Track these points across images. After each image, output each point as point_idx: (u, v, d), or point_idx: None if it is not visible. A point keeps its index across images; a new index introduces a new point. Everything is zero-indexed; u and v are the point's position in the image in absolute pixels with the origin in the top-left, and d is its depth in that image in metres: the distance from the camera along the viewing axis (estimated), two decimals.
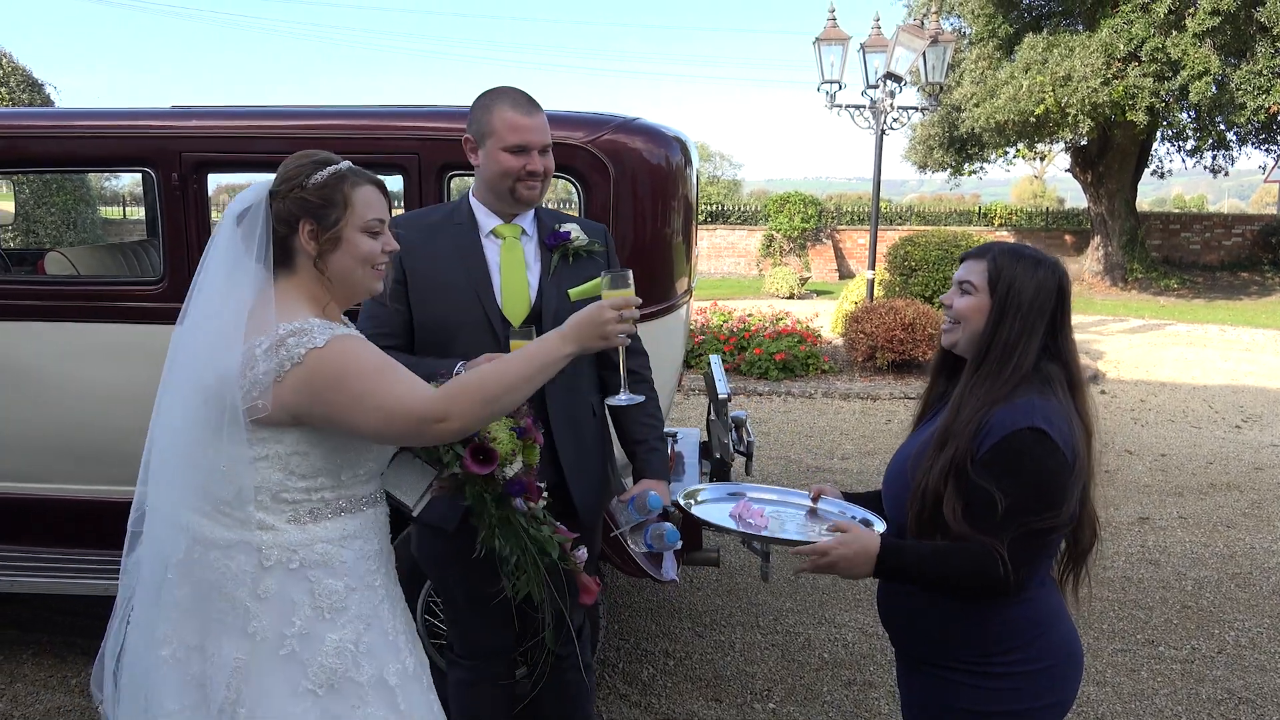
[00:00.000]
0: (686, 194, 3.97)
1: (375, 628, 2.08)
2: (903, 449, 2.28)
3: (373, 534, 2.12)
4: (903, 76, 11.62)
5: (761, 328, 10.87)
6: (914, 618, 2.17)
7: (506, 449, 2.14)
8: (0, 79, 16.00)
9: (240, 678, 1.97)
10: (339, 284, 2.06)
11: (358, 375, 1.93)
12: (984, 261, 2.13)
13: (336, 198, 2.01)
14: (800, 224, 21.87)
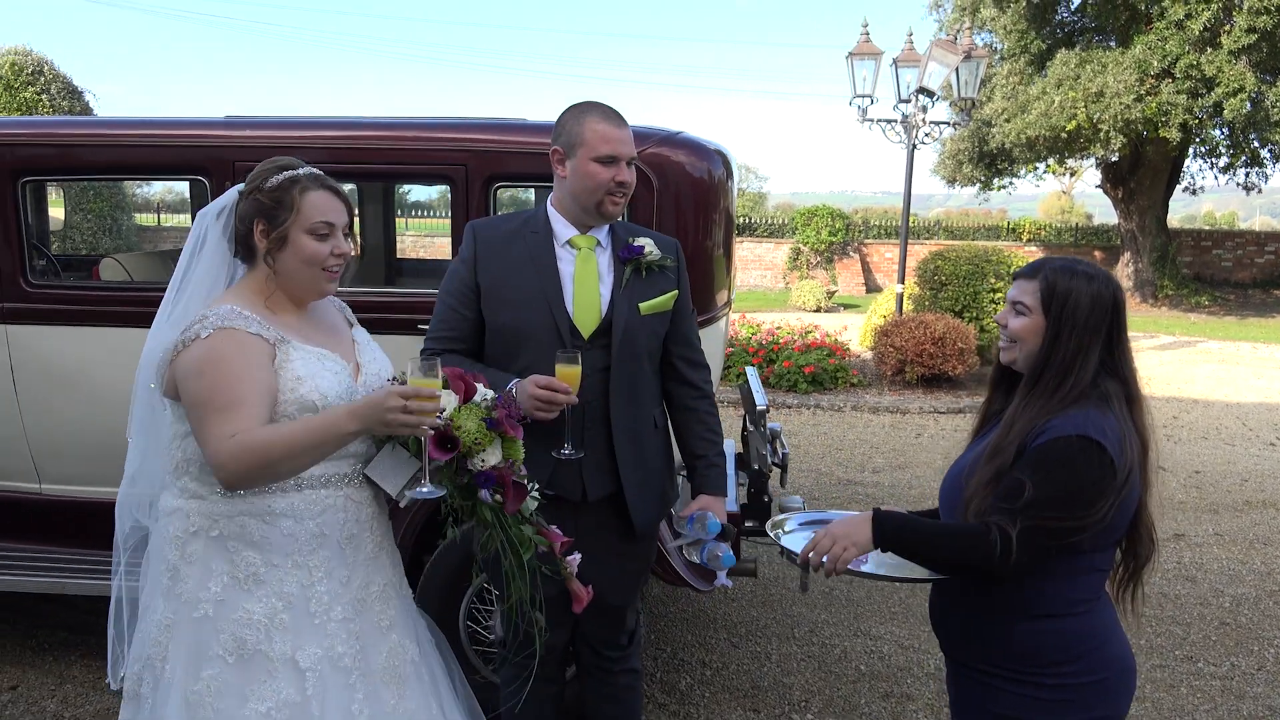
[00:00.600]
0: (727, 207, 4.01)
1: (297, 607, 2.13)
2: (957, 463, 2.30)
3: (310, 514, 2.14)
4: (935, 91, 11.62)
5: (790, 340, 10.88)
6: (966, 625, 2.18)
7: (470, 438, 2.12)
8: (42, 86, 16.29)
9: (168, 635, 2.11)
10: (286, 280, 2.20)
11: (208, 377, 2.04)
12: (1036, 280, 2.14)
13: (286, 200, 2.16)
14: (827, 237, 21.87)
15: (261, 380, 2.06)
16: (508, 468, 2.20)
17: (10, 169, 3.89)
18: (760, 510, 3.95)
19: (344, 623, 2.17)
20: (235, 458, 2.01)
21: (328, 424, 2.03)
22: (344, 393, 2.16)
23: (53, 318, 3.93)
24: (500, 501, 2.20)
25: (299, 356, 2.13)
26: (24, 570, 4.00)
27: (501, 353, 2.66)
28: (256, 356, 2.08)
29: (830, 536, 2.08)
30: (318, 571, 2.15)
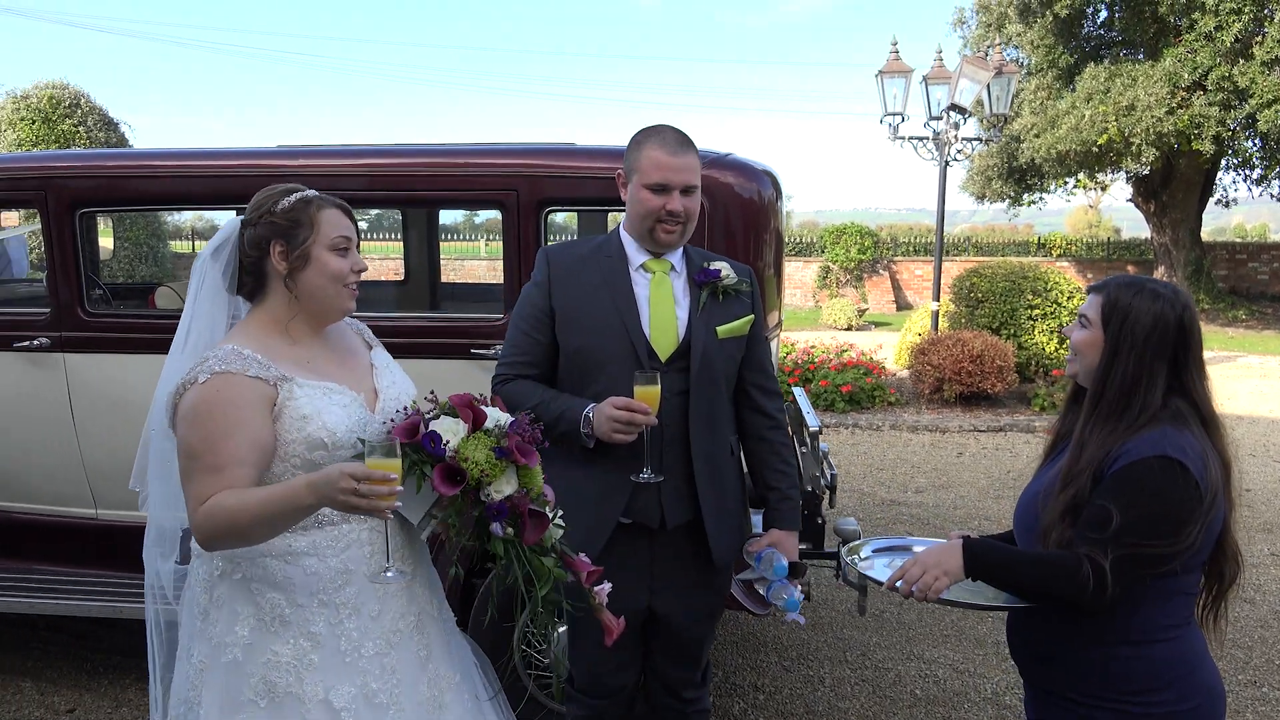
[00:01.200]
0: (777, 227, 4.01)
1: (327, 646, 2.08)
2: (1031, 485, 2.28)
3: (332, 551, 2.10)
4: (967, 108, 11.59)
5: (826, 359, 10.83)
6: (1050, 651, 2.15)
7: (477, 470, 2.01)
8: (79, 119, 16.54)
9: (201, 679, 2.09)
10: (309, 301, 2.16)
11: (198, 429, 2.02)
12: (1101, 295, 2.12)
13: (303, 218, 2.14)
14: (857, 255, 21.81)
15: (252, 434, 2.01)
16: (522, 497, 2.08)
17: (69, 201, 3.95)
18: (814, 532, 3.91)
19: (377, 658, 2.12)
20: (206, 522, 1.98)
21: (288, 496, 1.95)
22: (355, 425, 2.10)
23: (109, 346, 3.98)
24: (514, 534, 2.08)
25: (303, 394, 2.07)
26: (81, 595, 4.03)
27: (577, 378, 2.64)
28: (251, 405, 2.02)
29: (920, 565, 2.05)
30: (345, 609, 2.10)
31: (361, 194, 3.84)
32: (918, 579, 2.05)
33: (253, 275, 2.18)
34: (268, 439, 2.03)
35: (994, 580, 2.08)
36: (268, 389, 2.04)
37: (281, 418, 2.05)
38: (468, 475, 2.01)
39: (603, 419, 2.46)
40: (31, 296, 4.37)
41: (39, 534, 4.28)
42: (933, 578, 2.04)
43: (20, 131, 16.09)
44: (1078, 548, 1.98)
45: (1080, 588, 1.94)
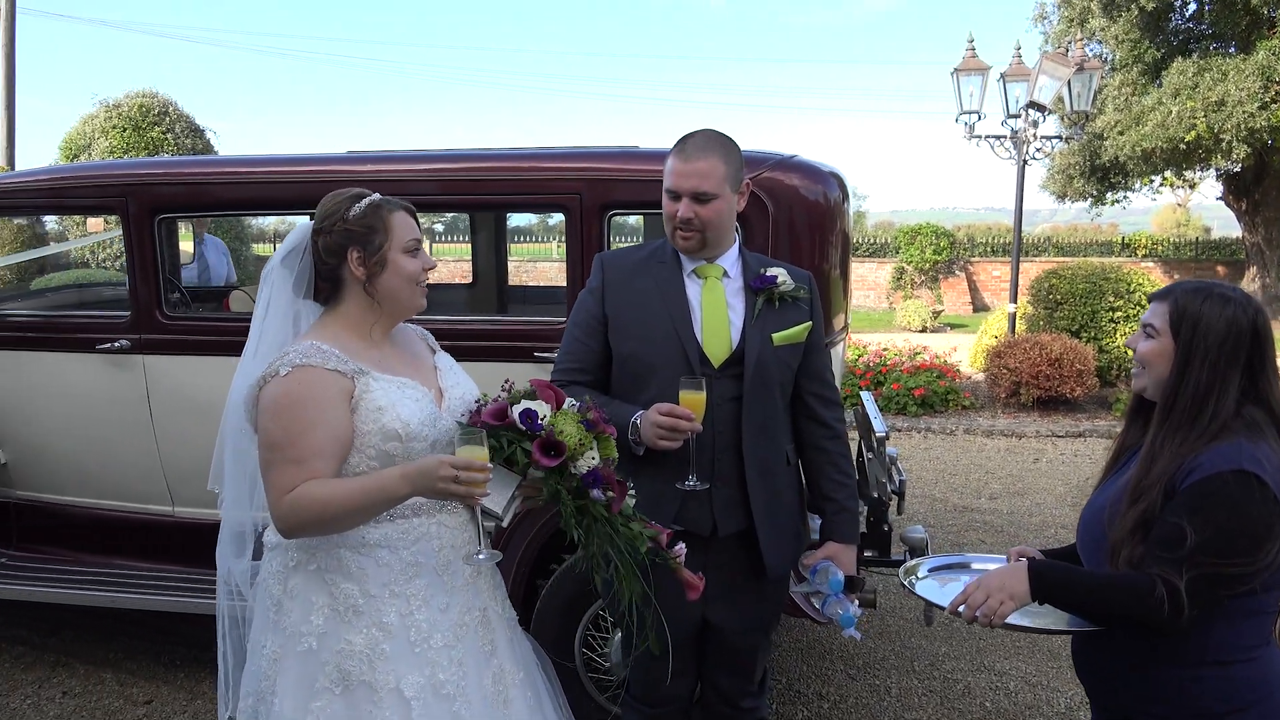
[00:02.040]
0: (844, 229, 3.95)
1: (398, 637, 2.14)
2: (1095, 499, 2.20)
3: (404, 543, 2.17)
4: (1046, 105, 11.30)
5: (899, 362, 10.66)
6: (1119, 672, 2.07)
7: (574, 440, 2.13)
8: (167, 126, 17.08)
9: (276, 669, 2.14)
10: (388, 303, 2.23)
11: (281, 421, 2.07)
12: (1166, 303, 2.04)
13: (377, 224, 2.20)
14: (932, 256, 21.45)
15: (333, 427, 2.09)
16: (606, 466, 2.20)
17: (149, 207, 4.07)
18: (880, 539, 3.85)
19: (445, 649, 2.18)
20: (291, 511, 2.06)
21: (382, 486, 2.05)
22: (427, 419, 2.17)
23: (186, 348, 4.09)
24: (611, 498, 2.19)
25: (379, 386, 2.14)
26: (158, 590, 4.16)
27: (629, 383, 2.63)
28: (332, 398, 2.09)
29: (984, 589, 1.99)
30: (415, 600, 2.17)
31: (427, 198, 3.88)
32: (981, 604, 1.99)
33: (329, 281, 2.25)
34: (346, 431, 2.10)
35: (1062, 604, 2.01)
36: (346, 382, 2.11)
37: (358, 410, 2.12)
38: (566, 446, 2.12)
39: (648, 425, 2.45)
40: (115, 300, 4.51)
41: (120, 530, 4.42)
42: (997, 602, 1.98)
43: (112, 139, 16.67)
44: (1149, 568, 1.90)
45: (1154, 610, 1.87)
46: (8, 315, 4.48)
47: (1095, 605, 1.97)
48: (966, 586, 2.05)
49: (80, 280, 8.85)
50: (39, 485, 4.54)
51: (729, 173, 2.54)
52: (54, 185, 4.39)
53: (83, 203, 4.44)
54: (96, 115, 17.05)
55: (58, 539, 4.54)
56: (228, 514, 2.39)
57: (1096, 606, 1.97)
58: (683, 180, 2.53)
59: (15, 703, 4.07)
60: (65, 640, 4.65)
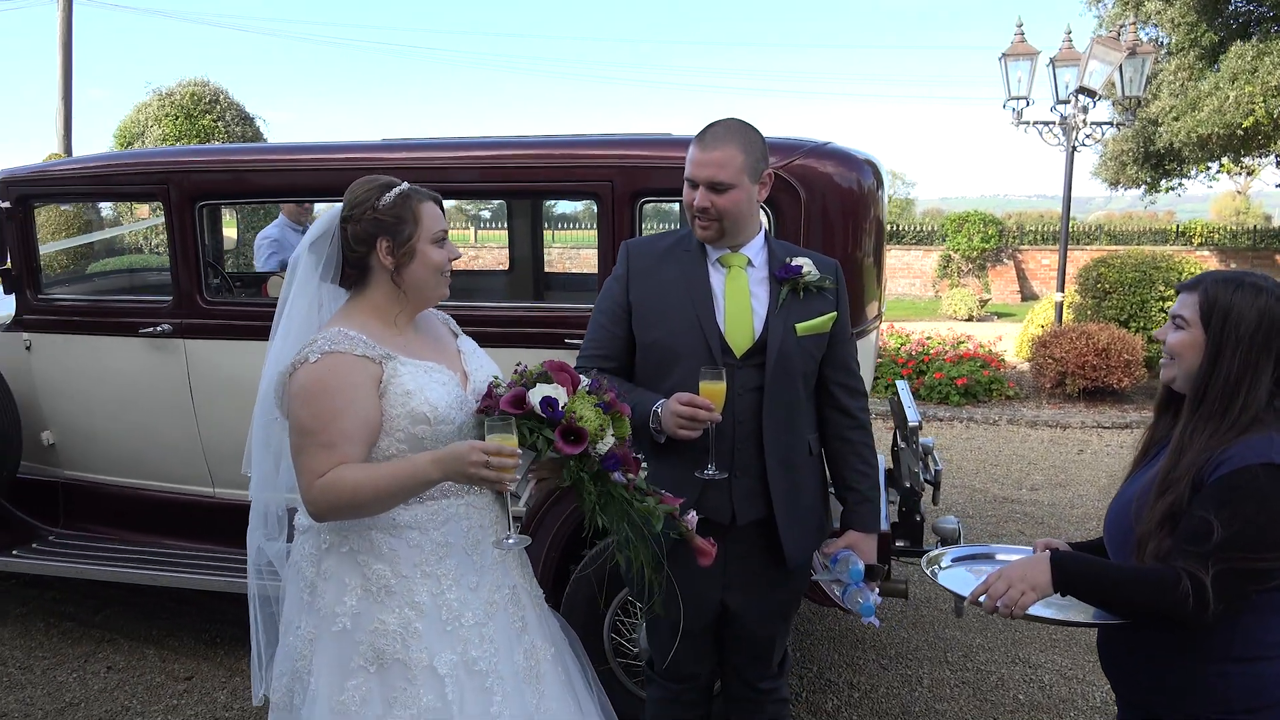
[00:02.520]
0: (878, 216, 3.91)
1: (430, 616, 2.16)
2: (1123, 492, 2.17)
3: (434, 524, 2.20)
4: (1097, 91, 11.08)
5: (942, 351, 10.54)
6: (1145, 667, 2.04)
7: (594, 425, 2.14)
8: (218, 114, 17.35)
9: (311, 649, 2.18)
10: (413, 292, 2.26)
11: (312, 407, 2.10)
12: (1196, 293, 2.00)
13: (407, 215, 2.22)
14: (979, 244, 21.17)
15: (362, 412, 2.12)
16: (622, 444, 2.22)
17: (189, 195, 4.14)
18: (912, 529, 3.82)
19: (476, 627, 2.20)
20: (323, 495, 2.10)
21: (413, 471, 2.08)
22: (454, 402, 2.20)
23: (225, 332, 4.17)
24: (630, 479, 2.21)
25: (406, 371, 2.17)
26: (200, 569, 4.25)
27: (653, 371, 2.64)
28: (361, 384, 2.13)
29: (1005, 579, 1.97)
30: (446, 579, 2.20)
31: (459, 185, 3.92)
32: (1002, 594, 1.97)
33: (356, 268, 2.27)
34: (375, 416, 2.14)
35: (1085, 596, 1.99)
36: (374, 367, 2.15)
37: (387, 394, 2.15)
38: (587, 433, 2.13)
39: (668, 414, 2.46)
40: (159, 285, 4.61)
41: (163, 510, 4.53)
42: (1018, 593, 1.95)
43: (165, 127, 16.98)
44: (1175, 561, 1.87)
45: (1179, 604, 1.84)
46: (56, 300, 4.60)
47: (1118, 598, 1.94)
48: (988, 576, 2.03)
49: (133, 265, 9.04)
50: (86, 465, 4.66)
51: (748, 163, 2.52)
52: (98, 172, 4.48)
53: (126, 190, 4.54)
54: (150, 103, 17.38)
55: (104, 518, 4.66)
56: (255, 494, 2.44)
57: (1120, 599, 1.94)
58: (700, 170, 2.52)
59: (62, 676, 4.19)
60: (110, 616, 4.77)
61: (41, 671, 4.22)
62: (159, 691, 4.06)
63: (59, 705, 3.95)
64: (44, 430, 4.63)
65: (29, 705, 3.95)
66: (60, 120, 20.50)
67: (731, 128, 2.56)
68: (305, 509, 2.19)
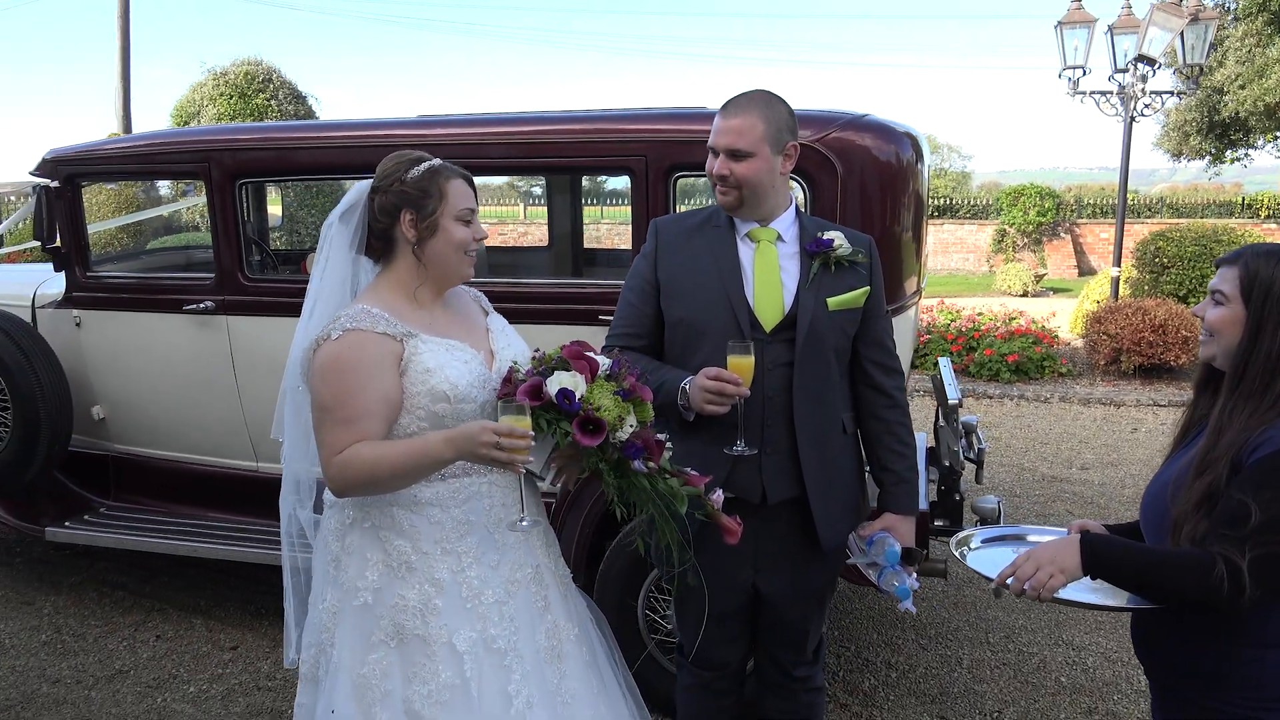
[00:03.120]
0: (918, 190, 3.83)
1: (449, 592, 2.17)
2: (1161, 473, 2.10)
3: (455, 502, 2.20)
4: (1157, 59, 10.75)
5: (993, 327, 10.36)
6: (1178, 651, 1.98)
7: (613, 415, 2.11)
8: (271, 93, 17.55)
9: (335, 621, 2.21)
10: (435, 268, 2.25)
11: (332, 384, 2.12)
12: (1236, 267, 1.94)
13: (433, 189, 2.21)
14: (1035, 218, 20.72)
15: (382, 389, 2.13)
16: (645, 429, 2.20)
17: (229, 172, 4.19)
18: (951, 509, 3.76)
19: (496, 605, 2.21)
20: (340, 471, 2.12)
21: (426, 450, 2.09)
22: (475, 381, 2.20)
23: (266, 309, 4.22)
24: (651, 467, 2.19)
25: (427, 349, 2.17)
26: (244, 542, 4.34)
27: (680, 348, 2.61)
28: (381, 361, 2.13)
29: (1033, 561, 1.91)
30: (467, 557, 2.20)
31: (492, 162, 3.91)
32: (1030, 576, 1.91)
33: (381, 240, 2.28)
34: (395, 393, 2.15)
35: (1116, 579, 1.93)
36: (395, 345, 2.15)
37: (408, 372, 2.15)
38: (606, 423, 2.11)
39: (696, 390, 2.42)
40: (203, 262, 4.68)
41: (209, 484, 4.62)
42: (1046, 575, 1.89)
43: (220, 106, 17.22)
44: (1211, 545, 1.81)
45: (1214, 589, 1.78)
46: (105, 277, 4.69)
47: (1151, 582, 1.89)
48: (1016, 558, 1.98)
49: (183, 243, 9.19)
50: (135, 440, 4.77)
51: (768, 132, 2.48)
52: (142, 151, 4.56)
53: (169, 168, 4.60)
54: (205, 83, 17.62)
55: (152, 491, 4.77)
56: (288, 464, 2.46)
57: (1152, 583, 1.89)
58: (719, 137, 2.51)
59: (113, 644, 4.30)
60: (160, 586, 4.89)
61: (93, 639, 4.34)
62: (205, 660, 4.16)
63: (109, 672, 4.06)
64: (94, 405, 4.74)
65: (81, 672, 4.06)
66: (119, 100, 20.88)
67: (754, 97, 2.53)
68: (328, 481, 2.20)
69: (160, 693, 3.90)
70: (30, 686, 3.94)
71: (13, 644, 4.30)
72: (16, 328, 4.53)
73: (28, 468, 4.54)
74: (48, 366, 4.50)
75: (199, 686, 3.95)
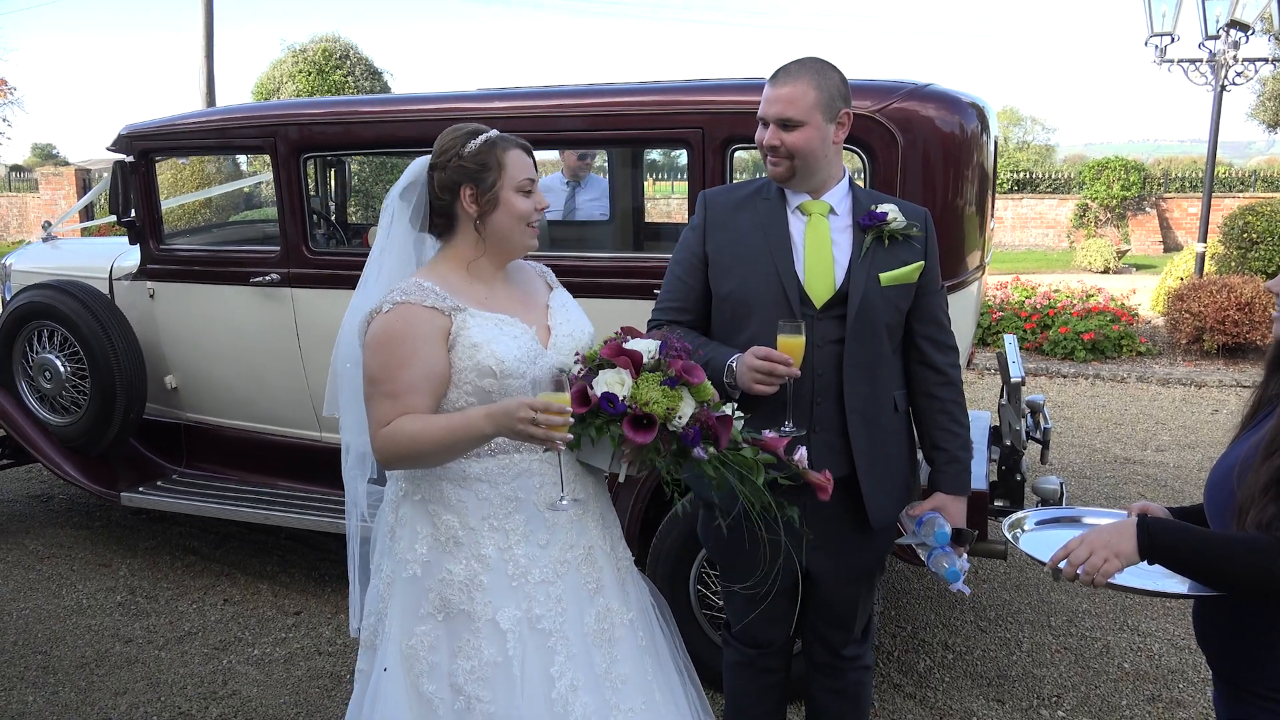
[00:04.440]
0: (982, 163, 3.72)
1: (495, 569, 2.16)
2: (1227, 455, 2.01)
3: (504, 478, 2.19)
4: (1251, 24, 10.29)
5: (1069, 305, 10.08)
6: (1236, 641, 1.90)
7: (662, 408, 2.06)
8: (348, 70, 17.80)
9: (389, 591, 2.23)
10: (496, 241, 2.24)
11: (380, 356, 2.13)
12: None
13: (491, 161, 2.19)
14: (1120, 191, 20.06)
15: (429, 363, 2.12)
16: (704, 411, 2.14)
17: (294, 146, 4.26)
18: (1012, 489, 3.69)
19: (542, 585, 2.20)
20: (385, 444, 2.13)
21: (467, 424, 2.07)
22: (524, 356, 2.17)
23: (329, 282, 4.29)
24: (713, 454, 2.14)
25: (475, 324, 2.16)
26: (310, 510, 4.44)
27: (727, 323, 2.57)
28: (429, 336, 2.13)
29: (1087, 545, 1.84)
30: (515, 534, 2.19)
31: (550, 134, 3.90)
32: (1084, 560, 1.83)
33: (444, 217, 2.27)
34: (442, 368, 2.15)
35: (1175, 565, 1.84)
36: (443, 319, 2.15)
37: (456, 346, 2.15)
38: (656, 417, 2.07)
39: (744, 369, 2.38)
40: (271, 235, 4.78)
41: (275, 452, 4.74)
42: (1101, 559, 1.81)
43: (299, 83, 17.52)
44: (1277, 530, 1.74)
45: (1276, 577, 1.70)
46: (178, 250, 4.81)
47: (1211, 568, 1.81)
48: (1069, 541, 1.92)
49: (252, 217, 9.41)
50: (206, 409, 4.91)
51: (820, 99, 2.42)
52: (212, 126, 4.66)
53: (237, 143, 4.69)
54: (284, 60, 17.94)
55: (222, 459, 4.91)
56: (348, 438, 2.48)
57: (1211, 569, 1.81)
58: (769, 106, 2.45)
59: (183, 606, 4.45)
60: (229, 551, 5.04)
61: (165, 601, 4.50)
62: (269, 624, 4.28)
63: (179, 634, 4.20)
64: (167, 375, 4.89)
65: (151, 633, 4.21)
66: (203, 76, 21.37)
67: (805, 64, 2.47)
68: (374, 452, 2.22)
69: (226, 655, 4.03)
70: (104, 645, 4.10)
71: (90, 604, 4.48)
72: (94, 299, 4.68)
73: (104, 435, 4.71)
74: (123, 337, 4.66)
75: (263, 650, 4.07)
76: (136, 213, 4.73)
